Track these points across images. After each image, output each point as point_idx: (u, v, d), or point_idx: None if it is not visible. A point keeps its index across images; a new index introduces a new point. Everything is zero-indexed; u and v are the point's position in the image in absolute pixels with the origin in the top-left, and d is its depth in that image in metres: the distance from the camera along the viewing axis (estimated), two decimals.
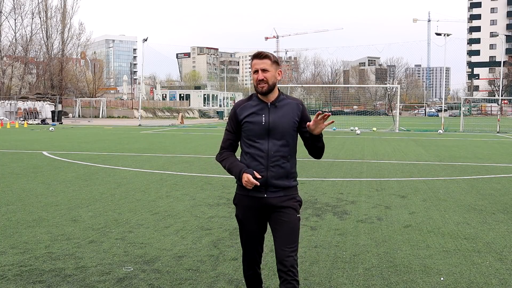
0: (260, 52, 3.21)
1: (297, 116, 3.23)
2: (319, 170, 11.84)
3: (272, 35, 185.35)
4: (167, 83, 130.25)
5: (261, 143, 3.18)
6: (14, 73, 63.96)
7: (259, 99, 3.24)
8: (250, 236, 3.32)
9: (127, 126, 37.16)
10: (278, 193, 3.20)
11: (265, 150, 3.17)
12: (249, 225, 3.29)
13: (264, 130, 3.17)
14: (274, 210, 3.21)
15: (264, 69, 3.15)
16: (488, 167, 12.98)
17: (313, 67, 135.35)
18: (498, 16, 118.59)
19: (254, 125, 3.19)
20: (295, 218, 3.22)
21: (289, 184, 3.24)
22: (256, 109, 3.21)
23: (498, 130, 31.45)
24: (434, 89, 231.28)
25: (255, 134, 3.19)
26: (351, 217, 6.91)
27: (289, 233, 3.18)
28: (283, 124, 3.18)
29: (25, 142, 20.18)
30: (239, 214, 3.32)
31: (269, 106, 3.21)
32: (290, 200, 3.22)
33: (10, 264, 4.77)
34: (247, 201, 3.25)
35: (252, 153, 3.20)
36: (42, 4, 66.98)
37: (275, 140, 3.18)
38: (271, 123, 3.17)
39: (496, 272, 4.64)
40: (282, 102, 3.24)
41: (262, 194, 3.20)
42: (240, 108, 3.27)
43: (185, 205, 7.58)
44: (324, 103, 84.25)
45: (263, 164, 3.16)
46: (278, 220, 3.19)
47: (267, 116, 3.19)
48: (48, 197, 8.13)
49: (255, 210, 3.25)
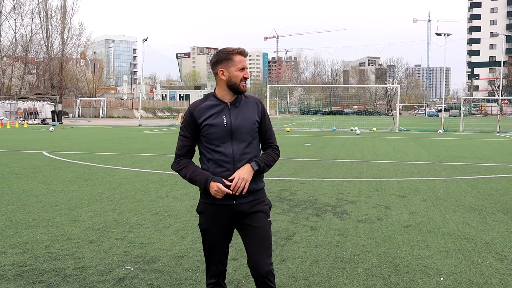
0: (244, 49, 3.02)
1: (258, 116, 3.05)
2: (319, 170, 11.84)
3: (272, 35, 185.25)
4: (167, 83, 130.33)
5: (224, 146, 2.95)
6: (14, 73, 63.95)
7: (217, 99, 3.01)
8: (214, 246, 3.09)
9: (127, 126, 37.16)
10: (248, 198, 3.00)
11: (229, 154, 2.94)
12: (214, 235, 3.06)
13: (227, 132, 2.95)
14: (243, 217, 3.02)
15: (247, 67, 3.05)
16: (488, 167, 12.97)
17: (313, 67, 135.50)
18: (498, 16, 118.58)
19: (215, 128, 2.95)
20: (266, 222, 3.05)
21: (258, 187, 3.05)
22: (216, 110, 2.98)
23: (498, 130, 31.44)
24: (434, 89, 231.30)
25: (217, 138, 2.95)
26: (351, 217, 6.91)
27: (262, 239, 3.01)
28: (245, 125, 2.98)
29: (25, 142, 20.18)
30: (203, 223, 3.08)
31: (229, 106, 3.00)
32: (259, 204, 3.05)
33: (10, 264, 4.77)
34: (213, 210, 3.02)
35: (215, 159, 2.96)
36: (42, 4, 67.03)
37: (239, 142, 2.97)
38: (234, 124, 2.96)
39: (496, 272, 4.64)
40: (242, 101, 3.04)
41: (231, 201, 2.97)
42: (197, 110, 3.00)
43: (185, 205, 7.58)
44: (324, 103, 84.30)
45: (230, 170, 2.94)
46: (249, 226, 3.02)
47: (228, 117, 2.96)
48: (48, 197, 8.13)
49: (223, 219, 3.03)
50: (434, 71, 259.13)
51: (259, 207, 3.04)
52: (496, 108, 69.08)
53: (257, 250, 2.99)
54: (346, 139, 23.84)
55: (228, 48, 3.02)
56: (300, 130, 31.86)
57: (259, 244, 3.00)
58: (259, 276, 2.97)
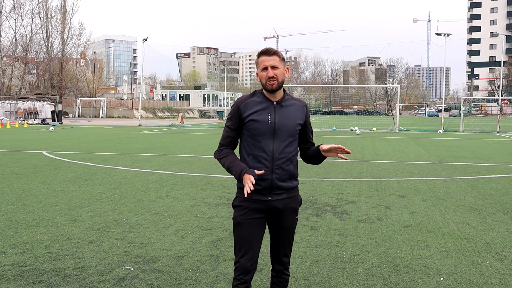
0: (269, 48, 3.08)
1: (301, 119, 3.14)
2: (319, 170, 11.84)
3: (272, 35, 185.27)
4: (167, 83, 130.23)
5: (266, 143, 3.04)
6: (14, 73, 63.94)
7: (264, 96, 3.09)
8: (248, 241, 3.08)
9: (127, 126, 37.15)
10: (282, 195, 3.11)
11: (269, 151, 3.03)
12: (248, 229, 3.08)
13: (270, 130, 3.03)
14: (276, 213, 3.13)
15: (273, 65, 3.02)
16: (488, 167, 12.97)
17: (313, 67, 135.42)
18: (498, 16, 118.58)
19: (259, 124, 3.03)
20: (294, 220, 3.21)
21: (292, 185, 3.16)
22: (261, 106, 3.06)
23: (498, 130, 31.44)
24: (434, 89, 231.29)
25: (260, 134, 3.04)
26: (351, 217, 6.91)
27: (289, 236, 3.21)
28: (288, 125, 3.06)
29: (25, 142, 20.18)
30: (238, 217, 3.11)
31: (275, 105, 3.07)
32: (293, 202, 3.17)
33: (10, 264, 4.77)
34: (248, 204, 3.08)
35: (255, 155, 3.05)
36: (42, 4, 67.03)
37: (280, 141, 3.05)
38: (278, 123, 3.04)
39: (496, 272, 4.64)
40: (288, 102, 3.12)
41: (266, 197, 3.08)
42: (244, 104, 3.08)
43: (185, 205, 7.58)
44: (324, 103, 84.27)
45: (268, 167, 3.03)
46: (280, 224, 3.17)
47: (273, 115, 3.05)
48: (48, 197, 8.13)
49: (257, 214, 3.09)
50: (434, 71, 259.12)
51: (292, 205, 3.17)
52: (496, 108, 69.08)
53: (282, 245, 3.20)
54: (346, 139, 23.85)
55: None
56: None
57: (285, 240, 3.20)
58: (280, 267, 3.23)
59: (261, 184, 3.04)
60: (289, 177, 3.12)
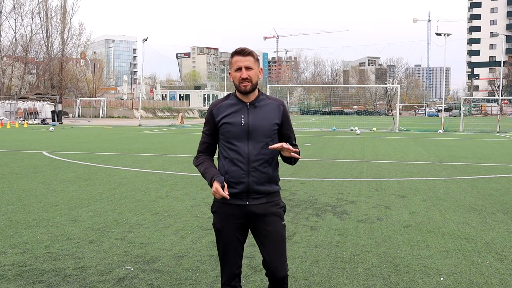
0: (244, 48, 2.97)
1: (277, 119, 3.03)
2: (319, 170, 11.84)
3: (272, 35, 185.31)
4: (167, 83, 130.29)
5: (240, 146, 2.95)
6: (14, 73, 63.90)
7: (238, 98, 3.02)
8: (228, 247, 3.04)
9: (127, 126, 37.15)
10: (261, 199, 2.99)
11: (244, 153, 2.95)
12: (228, 236, 3.03)
13: (244, 132, 2.95)
14: (257, 219, 3.00)
15: (248, 66, 2.93)
16: (488, 167, 12.97)
17: (313, 67, 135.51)
18: (498, 16, 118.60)
19: (233, 126, 2.96)
20: (280, 225, 3.04)
21: (272, 189, 3.04)
22: (234, 109, 2.99)
23: (498, 130, 31.44)
24: (434, 89, 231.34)
25: (234, 136, 2.96)
26: (351, 217, 6.91)
27: (277, 243, 3.01)
28: (263, 126, 2.96)
29: (25, 142, 20.18)
30: (217, 223, 3.05)
31: (248, 106, 2.99)
32: (274, 207, 3.03)
33: (10, 264, 4.77)
34: (227, 209, 3.00)
35: (231, 158, 2.97)
36: (42, 4, 67.02)
37: (255, 143, 2.96)
38: (251, 124, 2.95)
39: (496, 272, 4.64)
40: (262, 102, 3.02)
41: (244, 201, 2.98)
42: (216, 108, 3.03)
43: (185, 205, 7.58)
44: (324, 103, 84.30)
45: (244, 170, 2.94)
46: (263, 230, 3.00)
47: (246, 117, 2.96)
48: (48, 197, 8.13)
49: (236, 219, 3.00)
50: (434, 71, 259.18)
51: (273, 209, 3.03)
52: (496, 108, 69.08)
53: (273, 255, 2.99)
54: (346, 139, 23.84)
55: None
56: (300, 130, 31.85)
57: (274, 248, 3.00)
58: (276, 280, 3.00)
59: (238, 187, 2.96)
60: (268, 180, 3.02)
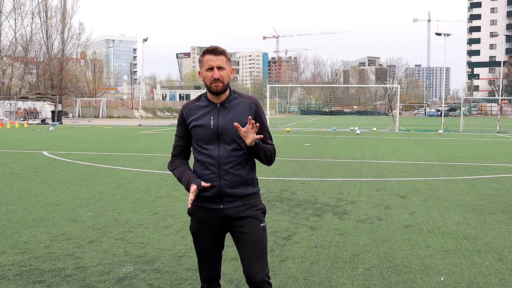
0: (216, 47, 2.86)
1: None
2: (319, 170, 11.84)
3: (272, 35, 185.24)
4: (167, 83, 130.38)
5: (211, 149, 2.87)
6: (14, 73, 63.93)
7: (208, 99, 2.93)
8: (204, 251, 3.00)
9: (127, 126, 37.15)
10: (235, 202, 2.89)
11: (215, 156, 2.85)
12: (204, 239, 2.98)
13: (213, 134, 2.86)
14: (233, 223, 2.91)
15: (220, 66, 2.83)
16: (488, 167, 12.97)
17: (313, 67, 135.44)
18: (498, 16, 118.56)
19: (202, 129, 2.87)
20: (258, 228, 2.91)
21: (247, 192, 2.92)
22: (204, 111, 2.90)
23: (498, 130, 31.44)
24: (434, 89, 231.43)
25: (204, 139, 2.88)
26: (351, 217, 6.91)
27: (253, 246, 2.88)
28: (233, 127, 2.81)
29: (25, 142, 20.18)
30: (193, 227, 3.00)
31: (218, 107, 2.90)
32: (250, 209, 2.91)
33: (10, 264, 4.77)
34: (202, 213, 2.94)
35: (202, 161, 2.89)
36: (42, 4, 67.03)
37: (226, 145, 2.86)
38: (220, 126, 2.85)
39: (496, 272, 4.64)
40: (233, 102, 2.92)
41: (218, 205, 2.89)
42: (187, 110, 2.95)
43: (185, 205, 7.58)
44: (324, 103, 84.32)
45: (215, 173, 2.85)
46: (239, 233, 2.90)
47: (215, 118, 2.87)
48: (48, 197, 8.13)
49: (211, 223, 2.93)
50: (434, 71, 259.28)
51: (249, 212, 2.91)
52: (496, 108, 69.03)
53: (249, 258, 2.87)
54: (346, 139, 23.84)
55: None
56: (300, 130, 31.85)
57: (251, 251, 2.87)
58: (252, 284, 2.86)
59: (210, 191, 2.88)
60: (242, 183, 2.91)
